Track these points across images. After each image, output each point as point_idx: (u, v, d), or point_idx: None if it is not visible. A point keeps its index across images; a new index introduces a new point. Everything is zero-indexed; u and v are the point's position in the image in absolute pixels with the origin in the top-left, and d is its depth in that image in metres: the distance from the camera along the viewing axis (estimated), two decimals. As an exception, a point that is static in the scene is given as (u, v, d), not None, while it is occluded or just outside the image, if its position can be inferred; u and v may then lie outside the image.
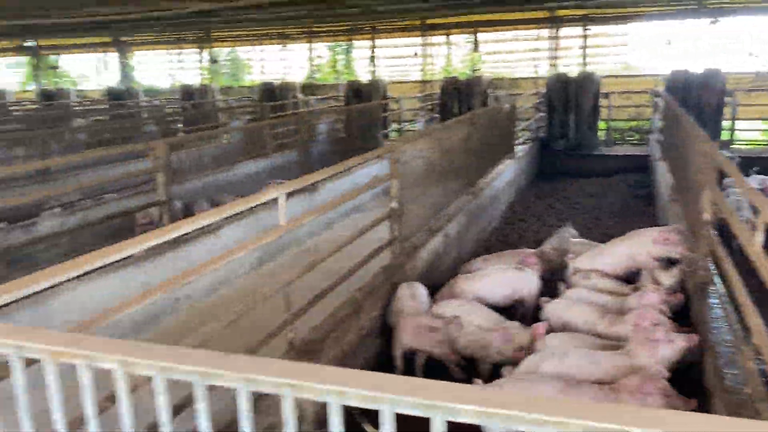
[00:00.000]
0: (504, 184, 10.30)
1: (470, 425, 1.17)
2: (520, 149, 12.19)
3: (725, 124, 14.25)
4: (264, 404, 2.79)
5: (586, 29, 14.92)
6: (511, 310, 5.37)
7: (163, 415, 1.32)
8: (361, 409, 1.13)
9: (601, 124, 15.57)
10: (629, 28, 19.48)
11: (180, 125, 14.79)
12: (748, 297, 3.12)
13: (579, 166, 13.64)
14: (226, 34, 20.80)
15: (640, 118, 16.37)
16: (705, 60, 13.66)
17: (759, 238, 2.80)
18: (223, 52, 24.16)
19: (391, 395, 1.14)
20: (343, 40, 20.70)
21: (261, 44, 21.13)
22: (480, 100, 14.75)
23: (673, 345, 3.69)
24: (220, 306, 5.13)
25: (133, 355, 1.29)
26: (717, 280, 4.43)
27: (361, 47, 20.61)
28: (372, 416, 1.26)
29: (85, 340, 1.35)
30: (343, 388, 1.16)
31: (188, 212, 7.23)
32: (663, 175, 9.26)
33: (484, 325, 4.58)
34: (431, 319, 4.58)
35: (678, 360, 3.72)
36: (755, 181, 10.11)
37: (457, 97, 14.99)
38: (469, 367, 4.52)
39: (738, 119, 15.11)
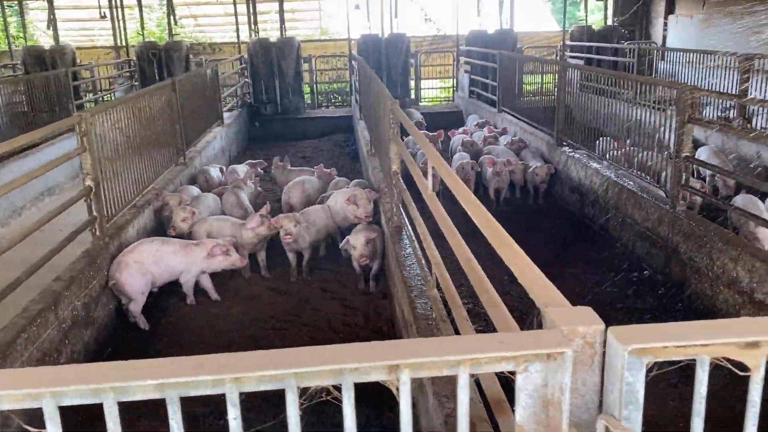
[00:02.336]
0: (216, 152, 10.11)
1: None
2: (228, 116, 12.04)
3: (412, 84, 15.90)
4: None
5: (282, -6, 15.14)
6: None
7: None
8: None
9: (306, 88, 16.16)
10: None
11: None
12: (428, 235, 3.55)
13: (289, 130, 14.01)
14: None
15: (341, 80, 17.37)
16: (390, 24, 14.93)
17: (430, 182, 3.20)
18: None
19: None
20: (12, 0, 17.90)
21: None
22: (182, 66, 14.13)
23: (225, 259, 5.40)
24: None
25: None
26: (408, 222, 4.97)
27: (36, 8, 18.06)
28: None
29: None
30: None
31: None
32: (362, 133, 10.00)
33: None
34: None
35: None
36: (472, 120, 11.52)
37: (156, 63, 14.14)
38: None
39: (422, 78, 16.99)
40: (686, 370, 1.32)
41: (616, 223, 6.72)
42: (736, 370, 1.30)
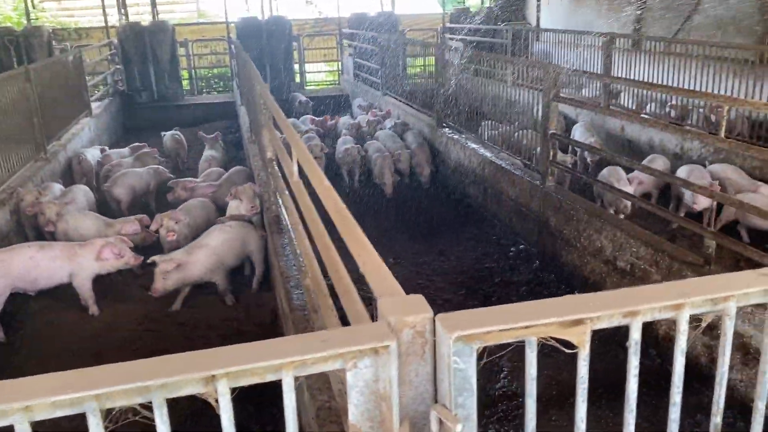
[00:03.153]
0: (84, 144, 9.44)
1: None
2: (97, 105, 11.29)
3: (297, 68, 15.63)
4: None
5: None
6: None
7: None
8: None
9: (185, 74, 15.46)
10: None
11: None
12: (299, 224, 3.45)
13: (166, 118, 13.33)
14: None
15: (221, 65, 16.76)
16: (269, 7, 14.55)
17: (294, 168, 3.10)
18: None
19: None
20: None
21: None
22: (45, 54, 13.07)
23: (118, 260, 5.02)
24: None
25: None
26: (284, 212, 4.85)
27: None
28: None
29: None
30: None
31: None
32: (243, 119, 9.70)
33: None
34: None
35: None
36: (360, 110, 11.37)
37: (15, 50, 12.99)
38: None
39: (307, 62, 16.73)
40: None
41: (494, 201, 6.93)
42: (564, 349, 1.32)
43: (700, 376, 3.74)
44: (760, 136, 6.65)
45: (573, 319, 1.26)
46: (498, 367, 4.26)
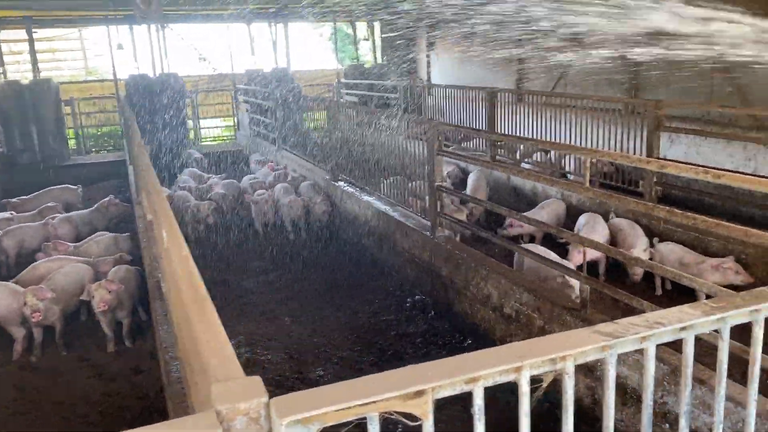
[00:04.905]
0: (-47, 212, 8.74)
1: None
2: (-30, 168, 10.54)
3: (191, 123, 15.37)
4: None
5: (32, 32, 13.76)
6: None
7: None
8: None
9: (70, 133, 14.81)
10: (87, 32, 18.99)
11: None
12: (173, 291, 3.30)
13: (52, 179, 12.64)
14: None
15: (111, 123, 16.20)
16: (160, 64, 14.31)
17: (164, 233, 2.98)
18: None
19: None
20: None
21: None
22: None
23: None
24: None
25: None
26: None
27: None
28: None
29: None
30: None
31: None
32: (131, 178, 9.35)
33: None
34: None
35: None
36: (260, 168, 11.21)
37: None
38: None
39: (202, 118, 16.51)
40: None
41: (389, 253, 6.99)
42: (408, 422, 1.30)
43: (585, 418, 3.85)
44: (632, 181, 7.13)
45: (414, 390, 1.25)
46: None
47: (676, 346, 1.56)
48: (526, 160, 9.03)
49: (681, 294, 5.25)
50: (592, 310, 4.10)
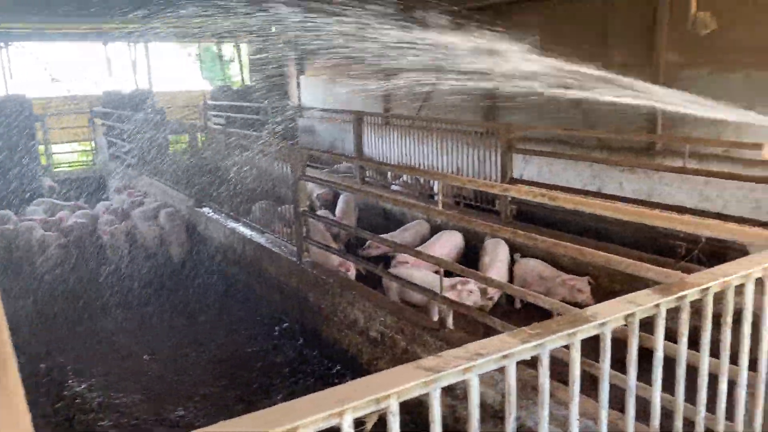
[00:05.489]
0: None
1: None
2: None
3: (42, 149, 14.23)
4: None
5: None
6: None
7: None
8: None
9: None
10: None
11: None
12: None
13: None
14: None
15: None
16: (4, 85, 13.18)
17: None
18: None
19: None
20: None
21: None
22: None
23: None
24: None
25: None
26: None
27: None
28: None
29: None
30: None
31: None
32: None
33: None
34: None
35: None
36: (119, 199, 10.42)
37: None
38: None
39: (55, 143, 15.34)
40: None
41: (257, 280, 6.81)
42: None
43: (448, 436, 3.91)
44: (489, 200, 7.45)
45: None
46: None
47: (531, 360, 1.61)
48: (395, 181, 9.20)
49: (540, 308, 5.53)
50: (452, 329, 4.20)
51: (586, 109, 8.65)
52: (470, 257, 6.25)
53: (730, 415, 2.02)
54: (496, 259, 5.97)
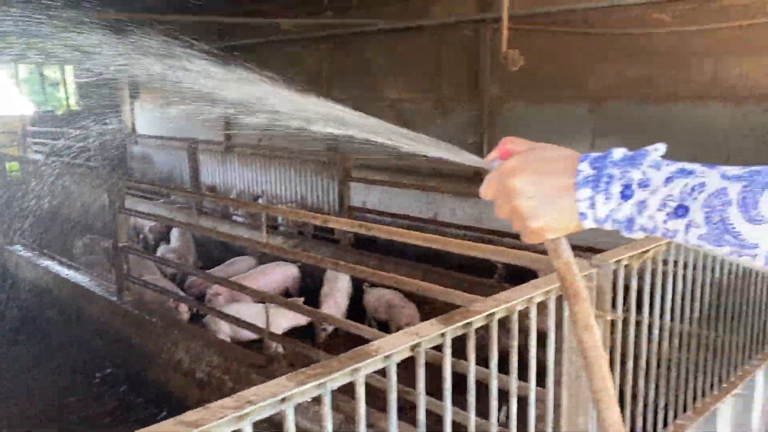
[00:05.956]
0: None
1: None
2: None
3: None
4: None
5: None
6: None
7: None
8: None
9: None
10: None
11: None
12: None
13: None
14: None
15: None
16: None
17: None
18: None
19: None
20: None
21: None
22: None
23: None
24: None
25: None
26: None
27: None
28: None
29: None
30: None
31: None
32: None
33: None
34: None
35: None
36: None
37: None
38: None
39: None
40: None
41: (75, 323, 6.22)
42: None
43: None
44: (329, 230, 7.44)
45: None
46: None
47: (351, 392, 1.55)
48: (236, 211, 8.92)
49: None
50: (280, 364, 4.07)
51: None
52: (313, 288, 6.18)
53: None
54: (335, 290, 5.96)
